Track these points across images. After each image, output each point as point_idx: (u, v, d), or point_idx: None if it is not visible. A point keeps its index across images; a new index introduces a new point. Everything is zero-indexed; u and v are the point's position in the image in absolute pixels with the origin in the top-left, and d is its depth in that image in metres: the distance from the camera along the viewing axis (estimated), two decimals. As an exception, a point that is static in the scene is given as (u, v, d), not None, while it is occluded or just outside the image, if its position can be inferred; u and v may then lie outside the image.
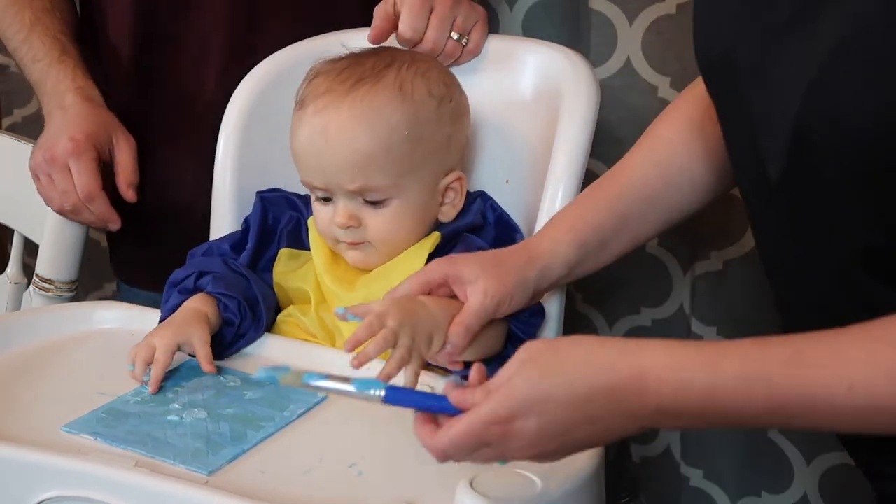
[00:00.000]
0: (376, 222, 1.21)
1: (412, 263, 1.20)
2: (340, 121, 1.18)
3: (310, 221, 1.28)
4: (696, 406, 0.80)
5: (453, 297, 1.09)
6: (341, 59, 1.24)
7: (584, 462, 0.99)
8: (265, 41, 1.42)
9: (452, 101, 1.25)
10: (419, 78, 1.22)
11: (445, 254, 1.17)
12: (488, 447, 0.85)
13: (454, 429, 0.85)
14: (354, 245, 1.22)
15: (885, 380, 0.75)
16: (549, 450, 0.85)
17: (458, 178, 1.25)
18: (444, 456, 0.87)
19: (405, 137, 1.19)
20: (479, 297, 1.06)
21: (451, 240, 1.23)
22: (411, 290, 1.09)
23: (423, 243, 1.23)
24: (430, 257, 1.21)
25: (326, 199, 1.22)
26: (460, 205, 1.26)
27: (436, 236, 1.23)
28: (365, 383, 0.88)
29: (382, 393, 0.88)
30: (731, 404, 0.79)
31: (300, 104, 1.22)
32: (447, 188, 1.24)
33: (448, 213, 1.25)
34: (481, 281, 1.07)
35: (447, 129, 1.24)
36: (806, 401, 0.78)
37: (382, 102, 1.19)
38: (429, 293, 1.09)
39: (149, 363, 1.13)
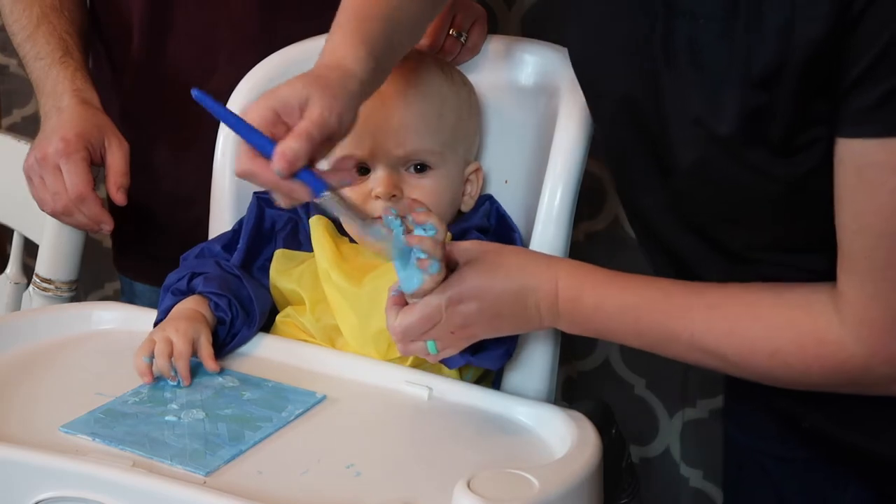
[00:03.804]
0: (417, 193, 1.22)
1: None
2: (394, 86, 1.21)
3: (312, 221, 1.28)
4: (584, 317, 1.04)
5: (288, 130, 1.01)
6: None
7: (581, 463, 0.99)
8: (275, 35, 1.42)
9: (475, 97, 1.30)
10: (452, 67, 1.30)
11: None
12: (436, 326, 1.03)
13: (418, 307, 1.03)
14: None
15: (713, 337, 0.99)
16: (478, 331, 1.05)
17: (477, 170, 1.29)
18: (404, 332, 1.04)
19: (452, 108, 1.25)
20: (318, 110, 1.00)
21: (461, 238, 1.23)
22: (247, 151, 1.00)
23: None
24: None
25: (364, 171, 1.22)
26: (476, 196, 1.29)
27: (448, 236, 1.23)
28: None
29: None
30: (607, 323, 1.04)
31: None
32: (467, 179, 1.28)
33: (468, 203, 1.28)
34: (316, 100, 1.01)
35: (475, 118, 1.30)
36: (659, 337, 1.02)
37: (431, 75, 1.25)
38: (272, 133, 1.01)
39: (170, 356, 1.13)
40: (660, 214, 1.08)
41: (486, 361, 1.13)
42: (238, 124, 0.99)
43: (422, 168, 1.23)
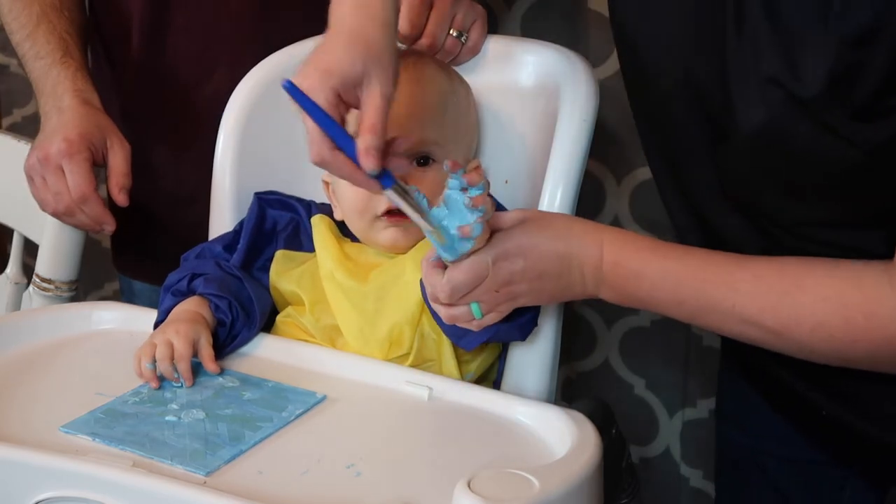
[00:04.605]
0: (422, 187, 1.20)
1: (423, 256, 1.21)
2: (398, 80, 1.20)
3: (314, 221, 1.28)
4: (627, 283, 1.03)
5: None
6: None
7: (581, 463, 0.99)
8: (275, 35, 1.42)
9: (472, 96, 1.31)
10: (449, 66, 1.31)
11: None
12: (483, 283, 1.03)
13: (465, 263, 1.03)
14: (397, 219, 1.22)
15: (756, 307, 0.98)
16: (521, 289, 1.05)
17: (477, 167, 1.28)
18: (452, 289, 1.03)
19: (454, 103, 1.26)
20: (379, 91, 1.01)
21: None
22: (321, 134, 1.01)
23: None
24: None
25: None
26: None
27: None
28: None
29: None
30: (649, 290, 1.03)
31: None
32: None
33: None
34: (373, 79, 1.02)
35: (473, 116, 1.30)
36: (700, 306, 1.01)
37: (432, 72, 1.26)
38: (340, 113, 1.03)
39: (172, 359, 1.13)
40: (706, 188, 1.06)
41: (514, 330, 1.13)
42: (322, 118, 1.00)
43: (425, 161, 1.23)
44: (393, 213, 1.21)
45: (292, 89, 1.01)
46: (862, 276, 0.95)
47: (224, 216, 1.34)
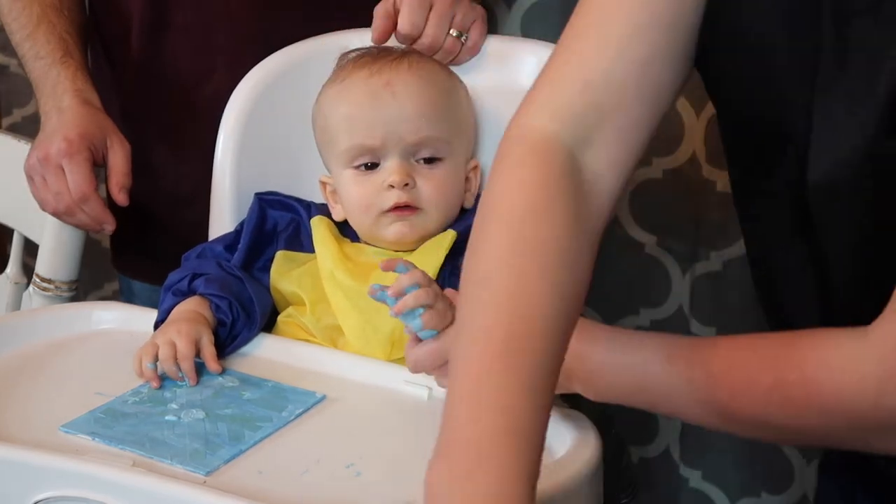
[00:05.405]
0: (429, 184, 1.23)
1: (430, 258, 1.21)
2: (403, 77, 1.24)
3: (314, 222, 1.28)
4: (590, 375, 0.98)
5: None
6: (370, 48, 1.31)
7: (581, 463, 0.99)
8: (274, 36, 1.42)
9: (470, 98, 1.31)
10: (447, 67, 1.32)
11: (462, 251, 1.16)
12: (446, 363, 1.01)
13: (428, 343, 1.04)
14: (403, 213, 1.22)
15: (711, 381, 0.90)
16: None
17: (476, 167, 1.30)
18: (415, 364, 1.06)
19: (456, 100, 1.28)
20: None
21: (466, 238, 1.24)
22: None
23: (441, 240, 1.24)
24: (447, 257, 1.22)
25: (372, 167, 1.24)
26: (476, 192, 1.29)
27: (452, 234, 1.24)
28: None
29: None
30: (610, 380, 0.97)
31: (346, 75, 1.26)
32: (467, 177, 1.29)
33: (469, 200, 1.29)
34: None
35: (472, 116, 1.31)
36: (661, 391, 0.93)
37: (435, 69, 1.28)
38: None
39: (174, 359, 1.13)
40: (777, 230, 0.98)
41: None
42: None
43: (431, 160, 1.24)
44: (400, 208, 1.22)
45: None
46: (818, 332, 0.88)
47: (224, 216, 1.34)
